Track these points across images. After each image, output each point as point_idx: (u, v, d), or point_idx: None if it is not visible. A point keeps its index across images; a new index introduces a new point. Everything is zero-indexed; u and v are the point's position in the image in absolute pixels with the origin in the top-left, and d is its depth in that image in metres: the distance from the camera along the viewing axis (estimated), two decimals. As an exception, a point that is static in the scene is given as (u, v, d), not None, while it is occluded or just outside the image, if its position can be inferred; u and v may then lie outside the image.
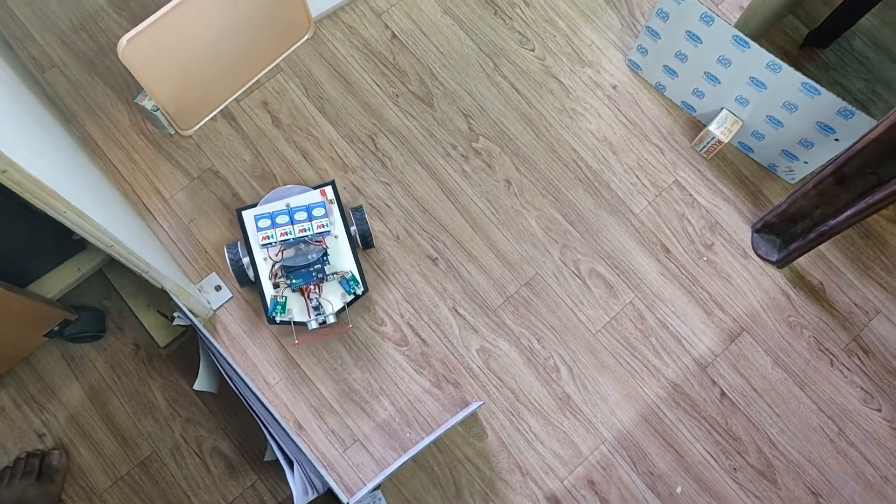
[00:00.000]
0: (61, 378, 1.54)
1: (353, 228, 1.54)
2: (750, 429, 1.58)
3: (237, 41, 1.58)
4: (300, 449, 1.25)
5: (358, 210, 1.55)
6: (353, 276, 1.51)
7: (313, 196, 1.54)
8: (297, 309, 1.49)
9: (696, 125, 1.75)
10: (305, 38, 1.75)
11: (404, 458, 1.46)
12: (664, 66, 1.67)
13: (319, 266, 1.49)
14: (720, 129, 1.62)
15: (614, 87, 1.77)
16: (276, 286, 1.49)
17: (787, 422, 1.58)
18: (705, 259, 1.67)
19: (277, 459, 1.48)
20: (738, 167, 1.73)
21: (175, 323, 1.39)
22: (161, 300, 1.53)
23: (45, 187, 0.89)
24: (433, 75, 1.75)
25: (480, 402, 1.52)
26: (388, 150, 1.70)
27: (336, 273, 1.50)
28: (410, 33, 1.78)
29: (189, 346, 1.56)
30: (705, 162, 1.73)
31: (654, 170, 1.72)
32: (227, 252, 1.50)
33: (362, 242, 1.56)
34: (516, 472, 1.53)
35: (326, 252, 1.51)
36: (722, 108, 1.64)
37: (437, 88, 1.74)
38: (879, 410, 1.59)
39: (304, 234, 1.50)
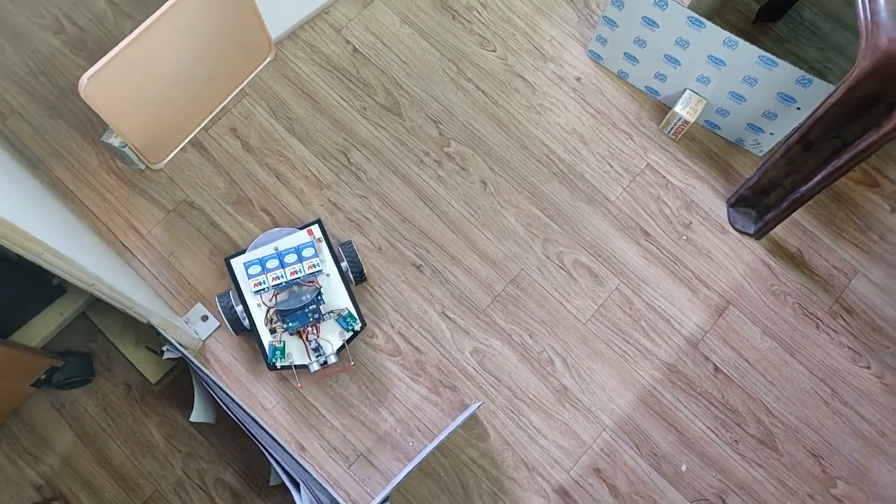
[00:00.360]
0: (54, 427, 1.51)
1: (343, 265, 1.54)
2: (746, 400, 1.60)
3: (199, 70, 1.57)
4: (305, 469, 1.24)
5: (347, 246, 1.54)
6: (349, 312, 1.50)
7: (301, 237, 1.53)
8: (296, 352, 1.48)
9: (662, 108, 1.77)
10: (267, 60, 1.75)
11: (409, 467, 1.45)
12: (624, 53, 1.69)
13: (315, 307, 1.48)
14: (685, 110, 1.65)
15: (578, 80, 1.79)
16: (272, 332, 1.47)
17: (781, 389, 1.60)
18: (685, 238, 1.69)
19: (283, 483, 1.47)
20: (707, 145, 1.76)
21: (165, 357, 1.38)
22: (148, 336, 1.52)
23: (19, 231, 0.88)
24: (398, 85, 1.76)
25: (479, 403, 1.52)
26: (361, 163, 1.70)
27: (332, 312, 1.49)
28: (372, 46, 1.79)
29: (181, 380, 1.54)
30: (674, 143, 1.75)
31: (626, 156, 1.74)
32: (219, 302, 1.48)
33: (355, 278, 1.56)
34: (522, 468, 1.54)
35: (320, 292, 1.49)
36: (685, 89, 1.67)
37: (404, 97, 1.75)
38: (868, 368, 1.62)
39: (295, 276, 1.48)
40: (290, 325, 1.46)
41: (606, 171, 1.73)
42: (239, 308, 1.48)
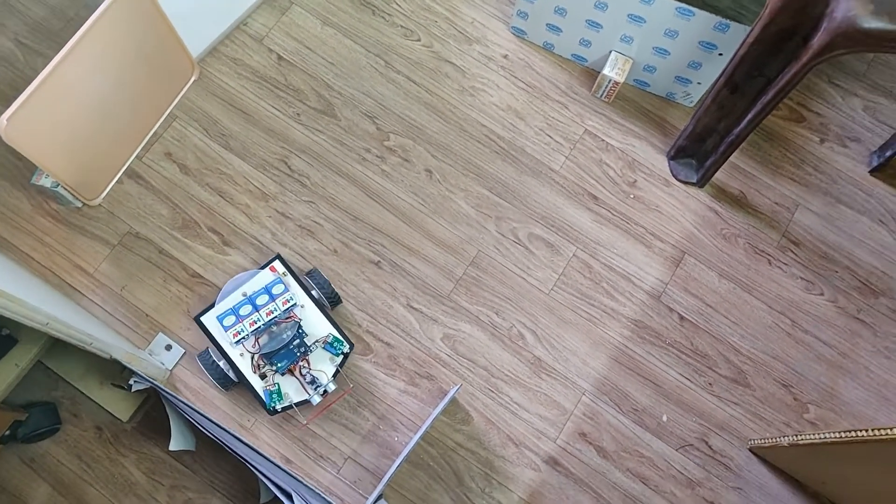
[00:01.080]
0: (26, 483, 1.46)
1: (314, 292, 1.52)
2: (714, 343, 1.64)
3: (123, 98, 1.54)
4: (294, 477, 1.23)
5: (313, 273, 1.53)
6: (334, 337, 1.48)
7: (266, 276, 1.50)
8: (292, 390, 1.45)
9: (591, 73, 1.81)
10: (192, 80, 1.72)
11: (397, 462, 1.45)
12: (547, 24, 1.72)
13: (299, 341, 1.45)
14: (614, 71, 1.68)
15: (505, 57, 1.81)
16: (262, 377, 1.44)
17: (744, 327, 1.65)
18: (632, 196, 1.73)
19: (273, 500, 1.45)
20: (640, 103, 1.79)
21: (134, 390, 1.34)
22: (113, 374, 1.48)
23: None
24: (328, 87, 1.75)
25: (458, 386, 1.52)
26: (303, 169, 1.69)
27: (317, 341, 1.47)
28: (296, 52, 1.78)
29: (154, 412, 1.51)
30: (608, 106, 1.79)
31: (563, 125, 1.76)
32: (200, 362, 1.45)
33: (330, 302, 1.54)
34: (510, 445, 1.55)
35: (300, 325, 1.47)
36: (610, 51, 1.70)
37: (336, 98, 1.74)
38: (822, 294, 1.68)
39: (272, 315, 1.46)
40: (280, 365, 1.43)
41: (547, 143, 1.75)
42: (222, 363, 1.45)
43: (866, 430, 1.19)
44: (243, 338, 1.45)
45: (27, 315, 0.97)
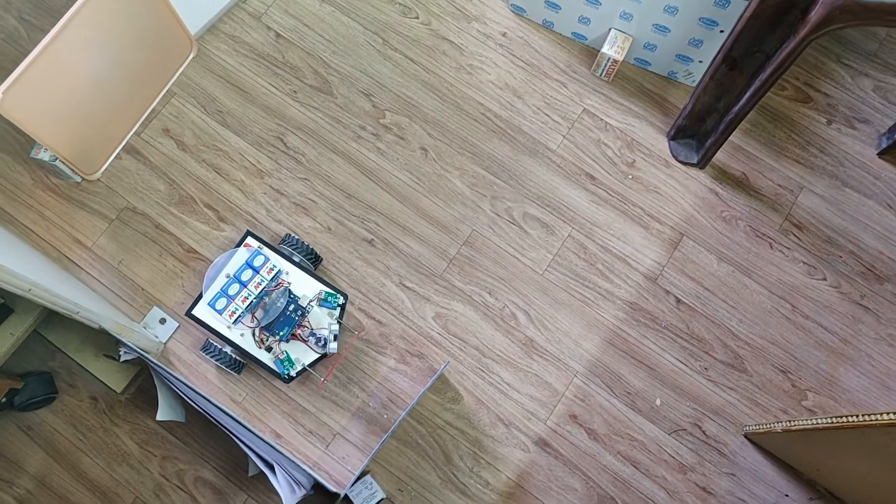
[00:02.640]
0: (23, 450, 1.49)
1: (294, 257, 1.53)
2: (711, 327, 1.61)
3: (120, 74, 1.55)
4: (277, 450, 1.24)
5: (287, 239, 1.54)
6: (326, 293, 1.49)
7: (243, 253, 1.50)
8: (301, 353, 1.47)
9: (591, 52, 1.78)
10: (190, 57, 1.73)
11: (383, 438, 1.45)
12: (546, 1, 1.69)
13: (293, 305, 1.46)
14: (613, 49, 1.65)
15: (504, 35, 1.79)
16: (269, 350, 1.46)
17: (743, 312, 1.62)
18: (630, 177, 1.70)
19: (260, 472, 1.47)
20: (640, 82, 1.76)
21: (122, 359, 1.36)
22: (109, 346, 1.50)
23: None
24: (326, 64, 1.75)
25: (446, 363, 1.52)
26: (298, 146, 1.69)
27: (311, 301, 1.48)
28: (294, 29, 1.78)
29: (148, 385, 1.53)
30: (608, 85, 1.76)
31: (562, 104, 1.74)
32: (206, 353, 1.47)
33: (312, 262, 1.55)
34: (499, 425, 1.54)
35: (290, 290, 1.48)
36: (610, 29, 1.67)
37: (333, 76, 1.74)
38: (825, 279, 1.65)
39: (261, 288, 1.47)
40: (282, 333, 1.45)
41: (544, 122, 1.73)
42: (227, 349, 1.47)
43: (857, 416, 1.16)
44: (239, 316, 1.46)
45: (8, 281, 0.99)
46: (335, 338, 1.47)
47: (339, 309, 1.49)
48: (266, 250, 1.51)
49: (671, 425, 1.55)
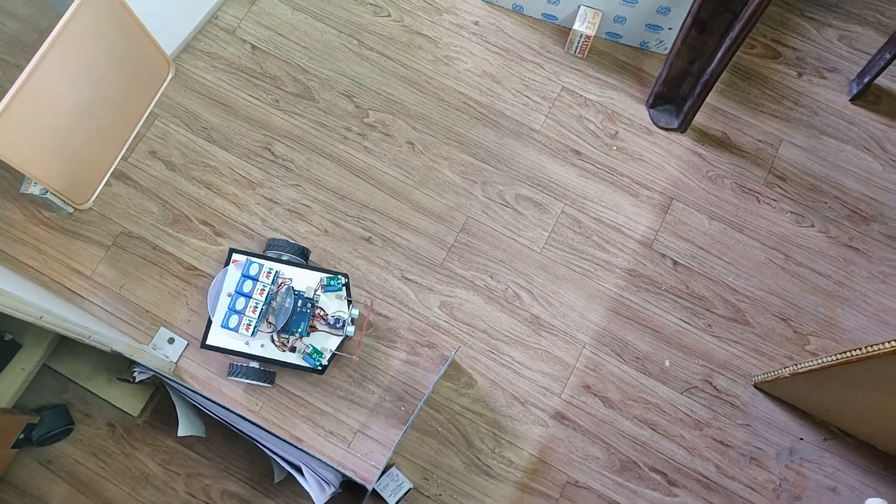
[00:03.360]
0: (45, 484, 1.49)
1: (283, 257, 1.54)
2: (710, 284, 1.65)
3: (102, 100, 1.55)
4: (303, 451, 1.25)
5: (272, 242, 1.55)
6: (328, 278, 1.51)
7: (235, 270, 1.51)
8: (324, 341, 1.48)
9: (563, 31, 1.81)
10: (169, 77, 1.74)
11: (403, 430, 1.47)
12: (513, -14, 1.72)
13: (301, 300, 1.48)
14: (584, 26, 1.69)
15: (476, 24, 1.81)
16: (293, 349, 1.47)
17: (739, 266, 1.66)
18: (615, 148, 1.73)
19: (287, 477, 1.47)
20: (614, 56, 1.80)
21: (137, 380, 1.37)
22: (120, 370, 1.50)
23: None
24: (304, 71, 1.77)
25: (457, 349, 1.54)
26: (286, 154, 1.70)
27: (316, 290, 1.50)
28: (268, 39, 1.79)
29: (164, 405, 1.53)
30: (583, 62, 1.79)
31: (540, 85, 1.77)
32: (234, 376, 1.47)
33: (301, 256, 1.56)
34: (516, 404, 1.56)
35: (292, 287, 1.49)
36: (579, 6, 1.70)
37: (313, 81, 1.76)
38: (813, 226, 1.69)
39: (265, 293, 1.48)
40: (300, 329, 1.46)
41: (525, 104, 1.76)
42: (254, 364, 1.48)
43: (861, 349, 1.20)
44: (256, 326, 1.46)
45: (19, 309, 0.99)
46: (353, 320, 1.49)
47: (344, 289, 1.51)
48: (257, 260, 1.51)
49: (682, 384, 1.58)
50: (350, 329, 1.48)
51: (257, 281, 1.49)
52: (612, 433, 1.55)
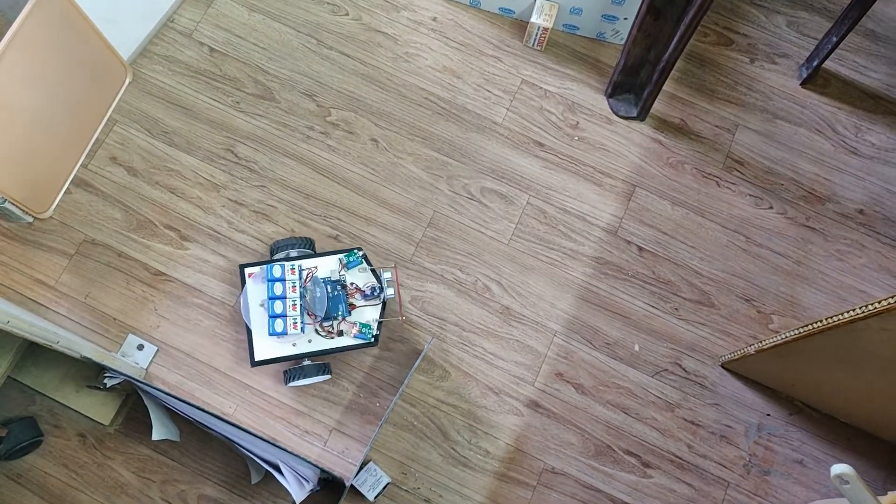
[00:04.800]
0: (16, 499, 1.46)
1: (292, 253, 1.54)
2: (675, 269, 1.68)
3: (59, 107, 1.53)
4: (280, 448, 1.24)
5: (276, 245, 1.55)
6: (345, 256, 1.52)
7: (255, 280, 1.49)
8: (367, 314, 1.49)
9: (520, 24, 1.83)
10: (126, 82, 1.72)
11: (378, 425, 1.47)
12: (470, -19, 1.74)
13: (331, 285, 1.48)
14: (541, 18, 1.71)
15: (434, 20, 1.83)
16: (341, 333, 1.47)
17: (702, 250, 1.70)
18: (577, 138, 1.76)
19: (264, 478, 1.47)
20: (572, 47, 1.82)
21: (108, 386, 1.35)
22: (89, 378, 1.48)
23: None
24: (264, 71, 1.76)
25: (429, 342, 1.55)
26: (249, 155, 1.70)
27: (340, 272, 1.51)
28: (226, 41, 1.78)
29: (136, 412, 1.51)
30: (542, 54, 1.81)
31: (500, 78, 1.79)
32: (292, 382, 1.47)
33: (309, 247, 1.57)
34: (490, 394, 1.58)
35: (317, 276, 1.49)
36: None
37: (273, 82, 1.75)
38: (771, 208, 1.73)
39: (297, 289, 1.47)
40: (341, 311, 1.47)
41: (486, 98, 1.77)
42: (307, 362, 1.48)
43: (820, 321, 1.24)
44: (302, 321, 1.45)
45: (-16, 317, 0.97)
46: (389, 286, 1.50)
47: (363, 260, 1.52)
48: (272, 265, 1.49)
49: (652, 368, 1.61)
50: (389, 291, 1.48)
51: (285, 281, 1.48)
52: (586, 419, 1.57)
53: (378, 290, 1.49)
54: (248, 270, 1.50)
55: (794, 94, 1.81)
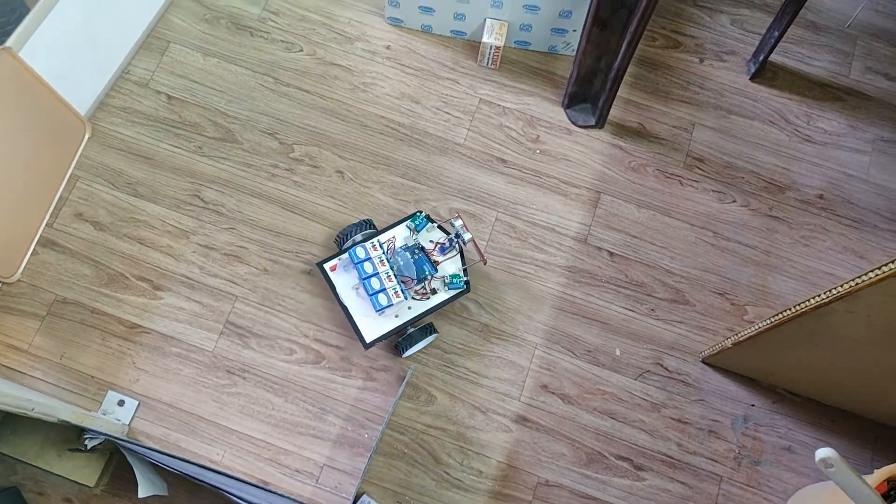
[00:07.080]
0: (8, 570, 1.43)
1: (357, 237, 1.58)
2: (647, 270, 1.70)
3: (17, 169, 1.52)
4: (272, 492, 1.23)
5: (339, 239, 1.60)
6: (412, 221, 1.57)
7: (341, 268, 1.55)
8: (451, 265, 1.55)
9: (473, 45, 1.86)
10: (86, 137, 1.71)
11: (368, 456, 1.47)
12: (419, 6, 1.76)
13: (412, 247, 1.55)
14: (493, 37, 1.74)
15: (388, 48, 1.85)
16: (433, 291, 1.54)
17: (672, 249, 1.72)
18: (538, 151, 1.78)
19: (259, 522, 1.45)
20: (526, 63, 1.85)
21: (90, 447, 1.33)
22: (70, 441, 1.46)
23: None
24: (223, 114, 1.76)
25: (411, 369, 1.55)
26: (216, 199, 1.69)
27: (413, 237, 1.56)
28: (184, 88, 1.78)
29: (121, 470, 1.49)
30: (497, 72, 1.84)
31: (458, 100, 1.81)
32: (405, 351, 1.54)
33: (370, 227, 1.61)
34: (477, 414, 1.58)
35: (395, 246, 1.55)
36: (485, 19, 1.75)
37: (233, 123, 1.76)
38: (735, 201, 1.77)
39: (385, 264, 1.52)
40: (429, 271, 1.53)
41: (446, 120, 1.79)
42: (410, 330, 1.54)
43: (790, 309, 1.26)
44: (402, 290, 1.51)
45: (-44, 391, 0.96)
46: (460, 231, 1.53)
47: (426, 220, 1.57)
48: (349, 252, 1.54)
49: (635, 370, 1.63)
50: (467, 235, 1.51)
51: (370, 258, 1.52)
52: (575, 428, 1.58)
53: (451, 243, 1.54)
54: (328, 265, 1.55)
55: (745, 89, 1.86)
